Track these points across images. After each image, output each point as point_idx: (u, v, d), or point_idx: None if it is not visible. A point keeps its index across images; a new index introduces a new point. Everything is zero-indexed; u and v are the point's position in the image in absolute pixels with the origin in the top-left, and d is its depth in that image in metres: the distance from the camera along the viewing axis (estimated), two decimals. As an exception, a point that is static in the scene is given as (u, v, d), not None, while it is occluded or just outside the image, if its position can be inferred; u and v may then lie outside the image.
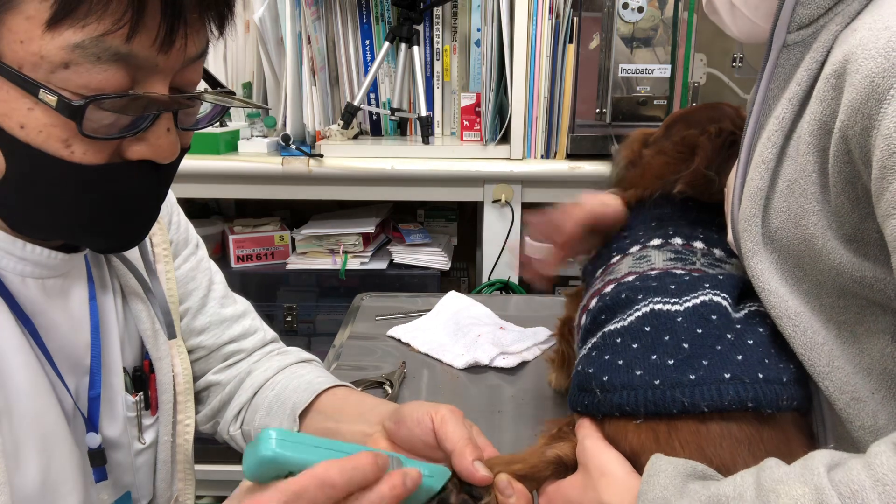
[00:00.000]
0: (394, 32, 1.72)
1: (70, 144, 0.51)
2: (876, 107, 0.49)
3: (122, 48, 0.49)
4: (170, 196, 0.81)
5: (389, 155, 1.68)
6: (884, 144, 0.48)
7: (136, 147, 0.54)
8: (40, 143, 0.51)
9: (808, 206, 0.57)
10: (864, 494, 0.43)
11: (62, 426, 0.63)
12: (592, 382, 0.62)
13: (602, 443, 0.61)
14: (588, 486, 0.59)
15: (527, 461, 0.63)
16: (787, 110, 0.60)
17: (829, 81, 0.54)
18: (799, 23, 0.60)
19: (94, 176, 0.53)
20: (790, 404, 0.57)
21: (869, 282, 0.55)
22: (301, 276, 1.85)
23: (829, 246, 0.56)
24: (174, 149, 0.57)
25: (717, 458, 0.55)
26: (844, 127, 0.52)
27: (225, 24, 0.56)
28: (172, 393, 0.76)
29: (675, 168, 0.79)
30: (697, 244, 0.74)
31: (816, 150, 0.56)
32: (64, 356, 0.65)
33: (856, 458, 0.46)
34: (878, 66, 0.49)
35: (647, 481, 0.54)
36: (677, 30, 1.59)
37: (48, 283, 0.63)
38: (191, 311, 0.82)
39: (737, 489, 0.48)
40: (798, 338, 0.59)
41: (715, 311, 0.63)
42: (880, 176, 0.49)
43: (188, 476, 0.79)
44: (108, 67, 0.49)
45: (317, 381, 0.81)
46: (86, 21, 0.47)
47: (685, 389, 0.57)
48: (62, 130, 0.51)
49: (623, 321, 0.66)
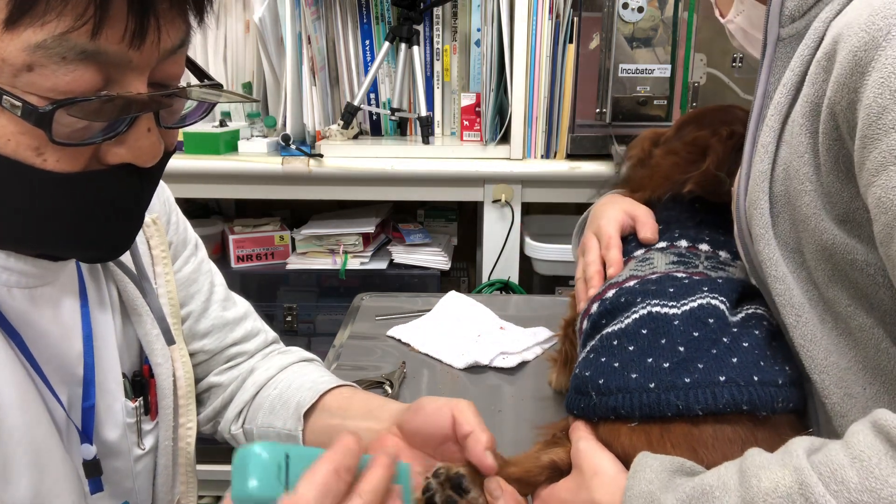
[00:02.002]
0: (394, 32, 1.72)
1: (42, 152, 0.48)
2: (860, 79, 0.50)
3: (89, 45, 0.45)
4: (168, 196, 0.79)
5: (389, 155, 1.68)
6: (865, 114, 0.49)
7: (115, 150, 0.51)
8: (10, 152, 0.47)
9: (802, 187, 0.57)
10: (842, 472, 0.43)
11: (54, 439, 0.61)
12: (588, 385, 0.63)
13: (596, 444, 0.61)
14: (581, 486, 0.59)
15: (521, 465, 0.63)
16: (783, 96, 0.60)
17: (820, 64, 0.55)
18: (790, 16, 0.61)
19: (70, 184, 0.50)
20: (785, 406, 0.58)
21: (860, 265, 0.55)
22: (301, 276, 1.85)
23: (822, 226, 0.56)
24: (156, 150, 0.53)
25: (709, 459, 0.56)
26: (832, 104, 0.53)
27: (204, 12, 0.52)
28: (173, 397, 0.75)
29: (684, 169, 0.79)
30: (703, 246, 0.74)
31: (809, 132, 0.57)
32: (54, 367, 0.62)
33: (835, 442, 0.47)
34: (860, 41, 0.50)
35: (633, 476, 0.54)
36: (677, 30, 1.59)
37: (36, 293, 0.60)
38: (193, 314, 0.81)
39: (720, 479, 0.49)
40: (799, 328, 0.59)
41: (712, 315, 0.63)
42: (861, 146, 0.50)
43: (190, 479, 0.78)
44: (75, 67, 0.46)
45: (321, 381, 0.80)
46: (45, 19, 0.44)
47: (679, 393, 0.57)
48: (31, 138, 0.47)
49: (620, 323, 0.66)
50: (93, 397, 0.66)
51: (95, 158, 0.51)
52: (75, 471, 0.64)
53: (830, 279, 0.58)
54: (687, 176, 0.78)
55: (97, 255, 0.60)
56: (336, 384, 0.80)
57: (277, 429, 0.79)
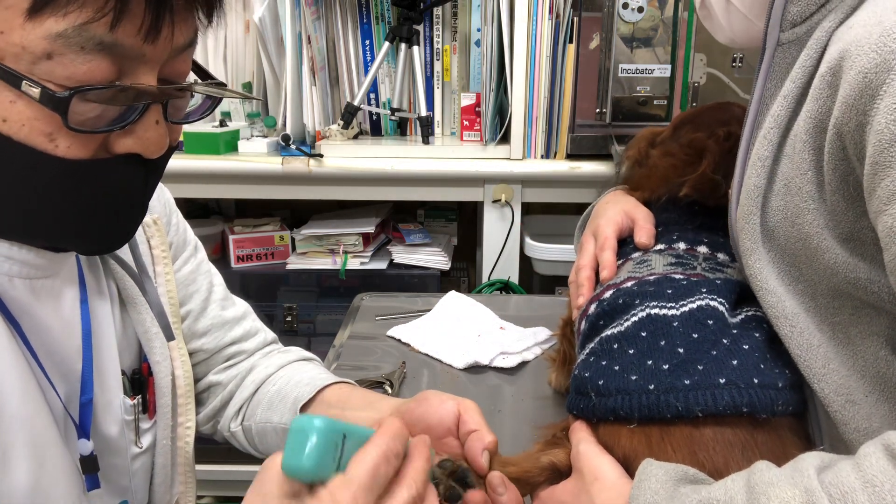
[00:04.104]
0: (394, 32, 1.72)
1: (55, 138, 0.49)
2: (869, 102, 0.49)
3: (107, 37, 0.47)
4: (169, 198, 0.80)
5: (389, 155, 1.68)
6: (876, 140, 0.48)
7: (123, 140, 0.53)
8: (23, 137, 0.49)
9: (804, 204, 0.57)
10: (854, 496, 0.43)
11: (53, 431, 0.60)
12: (588, 386, 0.62)
13: (596, 447, 0.61)
14: (581, 490, 0.59)
15: (520, 465, 0.63)
16: (783, 108, 0.59)
17: (825, 79, 0.54)
18: (791, 21, 0.60)
19: (79, 171, 0.51)
20: (785, 409, 0.57)
21: (863, 283, 0.54)
22: (301, 276, 1.85)
23: (825, 245, 0.56)
24: (163, 142, 0.55)
25: (710, 463, 0.55)
26: (839, 123, 0.52)
27: (213, 13, 0.54)
28: (172, 396, 0.75)
29: (681, 171, 0.79)
30: (701, 248, 0.73)
31: (812, 149, 0.56)
32: (53, 361, 0.63)
33: (845, 460, 0.46)
34: (871, 62, 0.49)
35: (637, 486, 0.53)
36: (677, 30, 1.59)
37: (37, 284, 0.61)
38: (192, 313, 0.81)
39: (727, 492, 0.48)
40: (794, 338, 0.59)
41: (711, 316, 0.63)
42: (872, 172, 0.49)
43: (189, 479, 0.78)
44: (92, 58, 0.47)
45: (319, 378, 0.81)
46: (67, 9, 0.46)
47: (679, 394, 0.57)
48: (46, 124, 0.49)
49: (620, 326, 0.66)
50: (90, 392, 0.66)
51: (104, 148, 0.53)
52: (74, 465, 0.63)
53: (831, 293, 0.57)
54: (683, 179, 0.77)
55: (98, 245, 0.61)
56: (334, 381, 0.80)
57: (275, 423, 0.79)
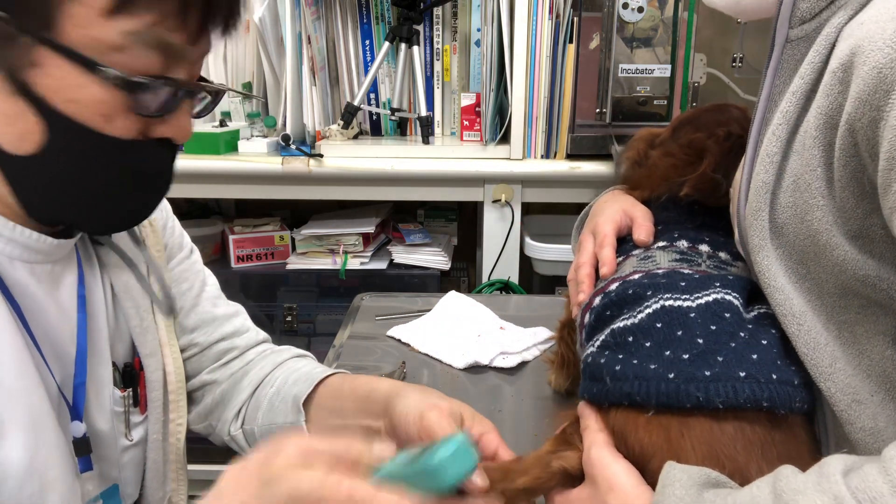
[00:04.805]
0: (394, 32, 1.72)
1: (112, 120, 0.56)
2: (884, 98, 0.48)
3: (166, 37, 0.55)
4: (165, 203, 0.82)
5: (389, 155, 1.68)
6: (892, 135, 0.48)
7: (160, 127, 0.60)
8: (86, 118, 0.55)
9: (813, 201, 0.56)
10: (883, 501, 0.43)
11: (48, 410, 0.63)
12: (603, 371, 0.61)
13: (608, 452, 0.59)
14: (596, 500, 0.58)
15: (530, 473, 0.61)
16: (792, 105, 0.59)
17: (836, 75, 0.54)
18: (801, 17, 0.60)
19: (124, 149, 0.58)
20: (802, 407, 0.57)
21: (872, 280, 0.54)
22: (301, 276, 1.85)
23: (834, 242, 0.55)
24: (191, 130, 0.63)
25: (731, 462, 0.54)
26: (851, 119, 0.51)
27: (230, 29, 0.62)
28: (163, 391, 0.76)
29: (682, 171, 0.79)
30: (703, 247, 0.73)
31: (822, 145, 0.55)
32: (50, 343, 0.65)
33: (870, 463, 0.45)
34: (886, 57, 0.48)
35: (661, 492, 0.52)
36: (677, 30, 1.59)
37: (37, 269, 0.64)
38: (183, 310, 0.83)
39: (754, 499, 0.48)
40: (802, 337, 0.58)
41: (728, 310, 0.62)
42: (888, 167, 0.49)
43: (181, 476, 0.79)
44: (152, 54, 0.55)
45: (314, 372, 0.82)
46: (141, 12, 0.53)
47: (700, 385, 0.56)
48: (109, 107, 0.56)
49: (633, 318, 0.64)
50: (83, 374, 0.68)
51: (143, 132, 0.60)
52: (67, 446, 0.65)
53: (838, 291, 0.57)
54: (684, 178, 0.77)
55: (121, 220, 0.66)
56: (329, 373, 0.81)
57: (279, 424, 0.80)
